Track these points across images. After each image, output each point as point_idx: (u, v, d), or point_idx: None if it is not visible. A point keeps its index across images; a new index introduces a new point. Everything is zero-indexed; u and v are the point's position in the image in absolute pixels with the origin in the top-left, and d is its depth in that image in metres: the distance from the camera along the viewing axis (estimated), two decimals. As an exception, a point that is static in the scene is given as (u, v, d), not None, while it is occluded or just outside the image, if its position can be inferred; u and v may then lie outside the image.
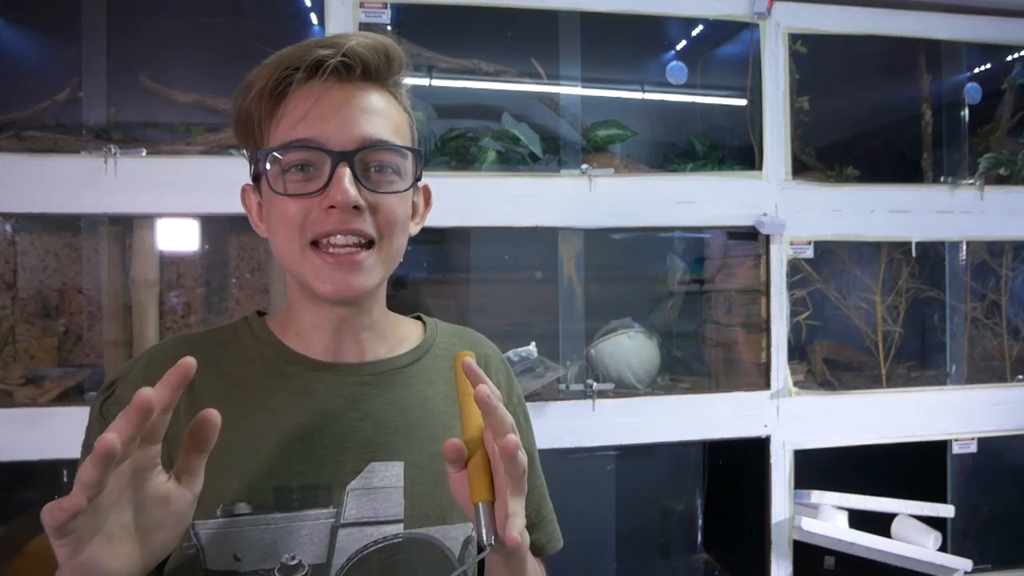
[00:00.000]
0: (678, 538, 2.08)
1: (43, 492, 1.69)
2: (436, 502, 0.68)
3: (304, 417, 0.66)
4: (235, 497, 0.63)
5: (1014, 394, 1.84)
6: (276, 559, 0.63)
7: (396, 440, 0.68)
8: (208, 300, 1.82)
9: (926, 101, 1.96)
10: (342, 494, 0.65)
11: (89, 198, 1.45)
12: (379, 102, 0.66)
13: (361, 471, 0.66)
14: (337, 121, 0.62)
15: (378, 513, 0.66)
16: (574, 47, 1.72)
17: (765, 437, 1.70)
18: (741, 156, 1.83)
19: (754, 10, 1.69)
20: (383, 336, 0.74)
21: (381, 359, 0.72)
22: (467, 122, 1.79)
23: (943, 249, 1.92)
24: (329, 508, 0.65)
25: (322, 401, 0.67)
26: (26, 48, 1.74)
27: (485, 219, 1.53)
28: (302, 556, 0.63)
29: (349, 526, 0.65)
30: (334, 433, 0.66)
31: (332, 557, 0.64)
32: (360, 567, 0.64)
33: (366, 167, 0.64)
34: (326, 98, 0.63)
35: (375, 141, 0.64)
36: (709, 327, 1.99)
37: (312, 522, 0.64)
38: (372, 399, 0.69)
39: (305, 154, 0.63)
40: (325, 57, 0.62)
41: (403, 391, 0.71)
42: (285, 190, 0.63)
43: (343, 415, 0.68)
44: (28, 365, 1.66)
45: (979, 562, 1.77)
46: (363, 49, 0.63)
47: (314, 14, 1.70)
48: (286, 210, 0.64)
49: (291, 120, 0.63)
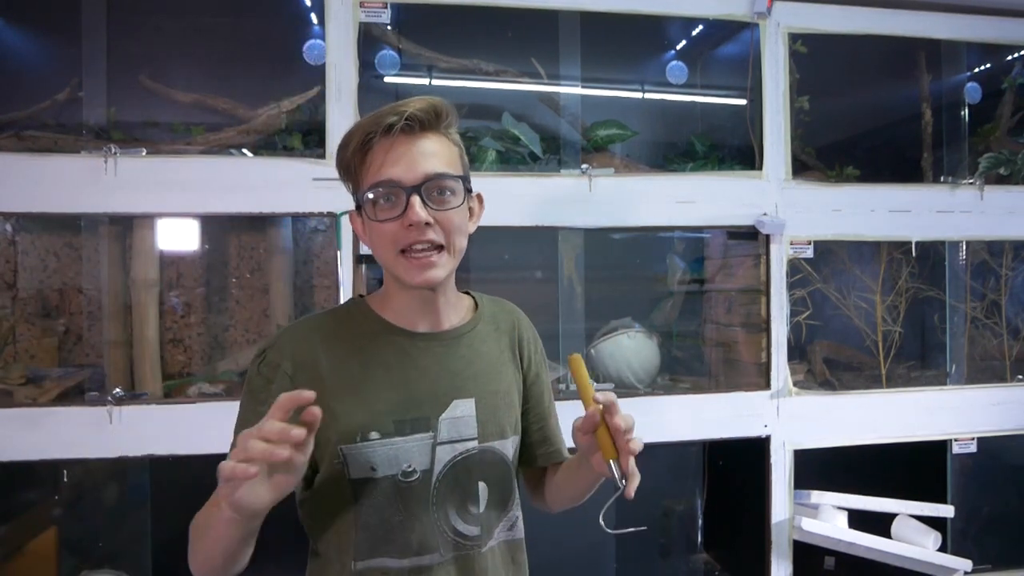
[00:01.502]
0: (678, 538, 2.08)
1: (43, 492, 1.70)
2: (496, 424, 0.98)
3: (406, 370, 0.95)
4: (368, 427, 0.91)
5: (1014, 394, 1.84)
6: (398, 468, 0.91)
7: (468, 384, 0.97)
8: (208, 300, 1.82)
9: (926, 101, 1.96)
10: (437, 423, 0.94)
11: (89, 198, 1.45)
12: (434, 145, 0.92)
13: (448, 406, 0.95)
14: (405, 163, 0.89)
15: (461, 434, 0.95)
16: (574, 47, 1.72)
17: (765, 437, 1.70)
18: (741, 156, 1.83)
19: (754, 10, 1.69)
20: (455, 308, 1.02)
21: (453, 327, 1.00)
22: (467, 122, 1.79)
23: (943, 249, 1.92)
24: (429, 432, 0.93)
25: (416, 359, 0.96)
26: (26, 48, 1.74)
27: (485, 219, 1.53)
28: (415, 465, 0.92)
29: (443, 444, 0.94)
30: (427, 381, 0.95)
31: (434, 465, 0.93)
32: (452, 471, 0.94)
33: (430, 193, 0.90)
34: (397, 148, 0.90)
35: (433, 175, 0.90)
36: (709, 327, 1.99)
37: (419, 442, 0.92)
38: (448, 356, 0.98)
39: (387, 190, 0.90)
40: (394, 122, 0.88)
41: (468, 349, 1.00)
42: (376, 216, 0.90)
43: (431, 367, 0.96)
44: (28, 365, 1.66)
45: (979, 562, 1.78)
46: (419, 112, 0.89)
47: (314, 14, 1.70)
48: (383, 230, 0.91)
49: (376, 167, 0.90)
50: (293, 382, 0.90)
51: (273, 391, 0.87)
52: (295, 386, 0.87)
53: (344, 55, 1.54)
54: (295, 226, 1.81)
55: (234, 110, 1.66)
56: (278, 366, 0.91)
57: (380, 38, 1.68)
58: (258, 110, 1.64)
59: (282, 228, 1.78)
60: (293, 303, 1.79)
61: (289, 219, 1.75)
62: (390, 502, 0.92)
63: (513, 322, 1.08)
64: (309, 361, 0.92)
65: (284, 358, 0.92)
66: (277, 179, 1.49)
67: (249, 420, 0.85)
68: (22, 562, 1.59)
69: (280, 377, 0.90)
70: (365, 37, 1.58)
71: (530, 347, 1.08)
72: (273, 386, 0.90)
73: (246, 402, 0.92)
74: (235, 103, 1.66)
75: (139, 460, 1.49)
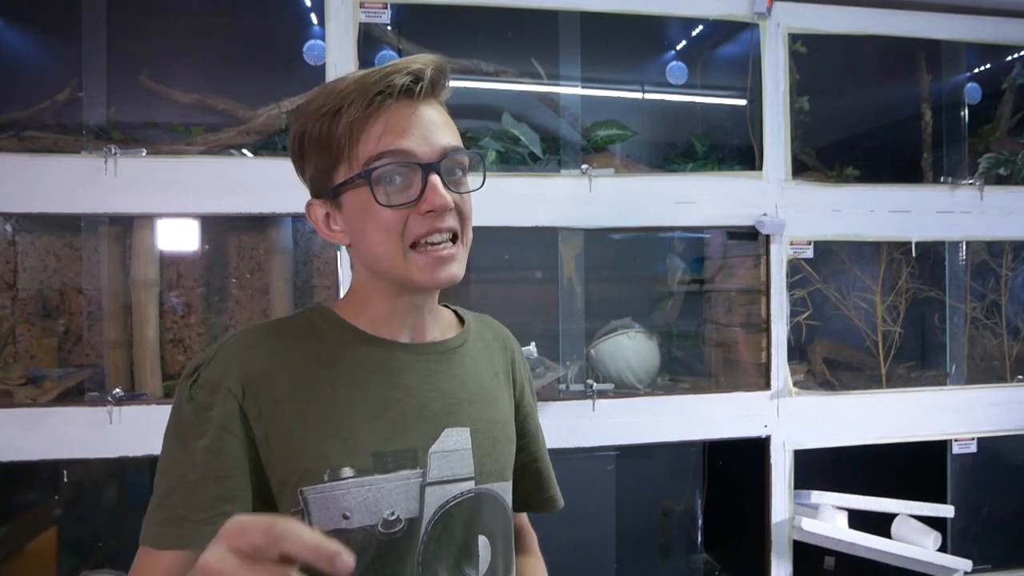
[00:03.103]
0: (678, 538, 2.08)
1: (43, 492, 1.70)
2: (496, 461, 0.80)
3: (387, 390, 0.75)
4: (339, 462, 0.70)
5: (1014, 394, 1.84)
6: (378, 515, 0.71)
7: (461, 409, 0.78)
8: (208, 300, 1.82)
9: (926, 101, 1.95)
10: (426, 457, 0.74)
11: (89, 198, 1.45)
12: (442, 114, 0.75)
13: (438, 436, 0.76)
14: (420, 136, 0.71)
15: (455, 472, 0.76)
16: (574, 47, 1.72)
17: (765, 437, 1.70)
18: (741, 156, 1.83)
19: (754, 10, 1.69)
20: (438, 319, 0.85)
21: (439, 340, 0.82)
22: (467, 122, 1.79)
23: (943, 249, 1.92)
24: (417, 469, 0.73)
25: (400, 376, 0.77)
26: (26, 48, 1.74)
27: (485, 219, 1.52)
28: (399, 512, 0.72)
29: (434, 484, 0.74)
30: (414, 404, 0.76)
31: (423, 511, 0.73)
32: (444, 519, 0.75)
33: (449, 173, 0.73)
34: (408, 117, 0.71)
35: (452, 149, 0.73)
36: (709, 327, 1.99)
37: (405, 482, 0.73)
38: (439, 374, 0.79)
39: (399, 167, 0.71)
40: (406, 83, 0.70)
41: (460, 367, 0.82)
42: (388, 200, 0.71)
43: (418, 387, 0.77)
44: (28, 365, 1.66)
45: (979, 562, 1.77)
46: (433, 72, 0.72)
47: (314, 14, 1.70)
48: (385, 218, 0.71)
49: (381, 138, 0.70)
50: (242, 405, 0.70)
51: (214, 418, 0.69)
52: (244, 410, 0.70)
53: (344, 55, 1.54)
54: (295, 226, 1.81)
55: (234, 110, 1.66)
56: (218, 385, 0.70)
57: (380, 38, 1.68)
58: (258, 110, 1.64)
59: (282, 228, 1.78)
60: (293, 303, 1.79)
61: (289, 219, 1.75)
62: (366, 562, 0.71)
63: (504, 342, 0.91)
64: (261, 377, 0.71)
65: (227, 375, 0.71)
66: (277, 179, 1.49)
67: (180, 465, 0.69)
68: (22, 562, 1.59)
69: (223, 400, 0.70)
70: (365, 37, 1.58)
71: (522, 373, 0.92)
72: (213, 412, 0.69)
73: (172, 442, 0.71)
74: (235, 103, 1.66)
75: (139, 460, 1.48)
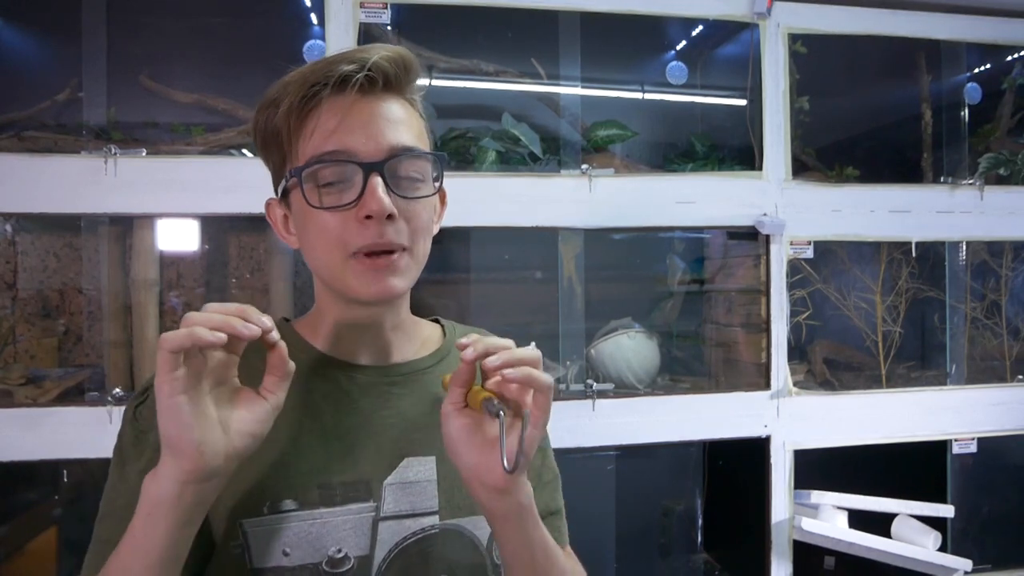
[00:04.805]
0: (678, 538, 2.08)
1: (43, 492, 1.70)
2: (466, 494, 0.70)
3: (340, 416, 0.70)
4: (281, 494, 0.65)
5: (1014, 394, 1.84)
6: (323, 553, 0.66)
7: (427, 436, 0.71)
8: (208, 300, 1.82)
9: (926, 101, 1.95)
10: (380, 489, 0.69)
11: (89, 198, 1.45)
12: (401, 111, 0.68)
13: (396, 466, 0.70)
14: (364, 133, 0.65)
15: (415, 506, 0.69)
16: (574, 47, 1.72)
17: (765, 437, 1.70)
18: (741, 156, 1.83)
19: (754, 10, 1.69)
20: (409, 337, 0.77)
21: (407, 360, 0.76)
22: (467, 122, 1.79)
23: (943, 249, 1.92)
24: (369, 502, 0.68)
25: (356, 401, 0.71)
26: (26, 48, 1.74)
27: (485, 219, 1.53)
28: (347, 549, 0.66)
29: (389, 519, 0.68)
30: (369, 431, 0.70)
31: (375, 549, 0.67)
32: (400, 558, 0.68)
33: (395, 175, 0.66)
34: (353, 111, 0.65)
35: (402, 149, 0.66)
36: (709, 327, 1.99)
37: (355, 516, 0.67)
38: (401, 398, 0.73)
39: (336, 167, 0.65)
40: (351, 72, 0.64)
41: (429, 390, 0.74)
42: (321, 204, 0.65)
43: (375, 413, 0.71)
44: (28, 365, 1.66)
45: (979, 562, 1.77)
46: (385, 62, 0.66)
47: (314, 14, 1.70)
48: (325, 223, 0.65)
49: (321, 134, 0.65)
50: None
51: (152, 441, 0.63)
52: None
53: (344, 55, 1.54)
54: (295, 226, 1.81)
55: (234, 110, 1.66)
56: None
57: (380, 38, 1.68)
58: (258, 110, 1.64)
59: (282, 228, 1.77)
60: (293, 303, 1.79)
61: (289, 219, 1.75)
62: None
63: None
64: None
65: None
66: (277, 179, 1.49)
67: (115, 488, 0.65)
68: (22, 562, 1.59)
69: None
70: (365, 37, 1.58)
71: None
72: (152, 435, 0.63)
73: (112, 464, 0.67)
74: (235, 103, 1.66)
75: (139, 460, 1.48)
